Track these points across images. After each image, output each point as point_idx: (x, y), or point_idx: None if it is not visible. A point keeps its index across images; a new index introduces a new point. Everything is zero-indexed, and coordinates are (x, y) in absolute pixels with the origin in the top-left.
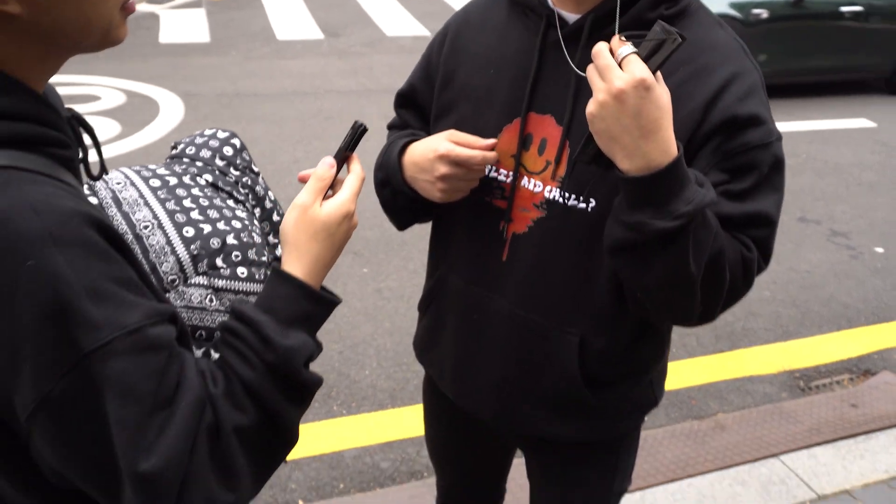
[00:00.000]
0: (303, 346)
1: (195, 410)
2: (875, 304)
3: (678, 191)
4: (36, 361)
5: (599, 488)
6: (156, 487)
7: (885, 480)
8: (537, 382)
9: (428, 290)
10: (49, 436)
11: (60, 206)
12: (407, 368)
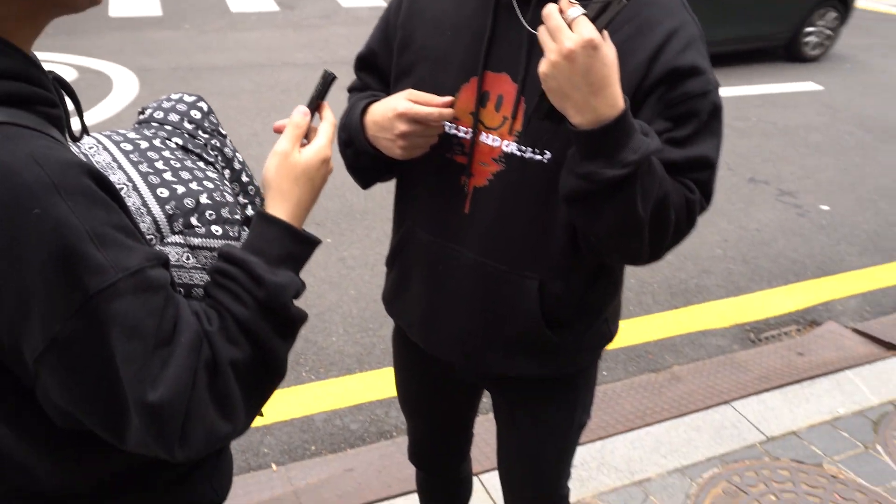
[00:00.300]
0: (290, 283)
1: (194, 346)
2: (820, 258)
3: (626, 141)
4: (45, 304)
5: (562, 421)
6: (163, 417)
7: (829, 421)
8: (502, 325)
9: (395, 245)
10: (58, 376)
11: (60, 157)
12: (373, 333)
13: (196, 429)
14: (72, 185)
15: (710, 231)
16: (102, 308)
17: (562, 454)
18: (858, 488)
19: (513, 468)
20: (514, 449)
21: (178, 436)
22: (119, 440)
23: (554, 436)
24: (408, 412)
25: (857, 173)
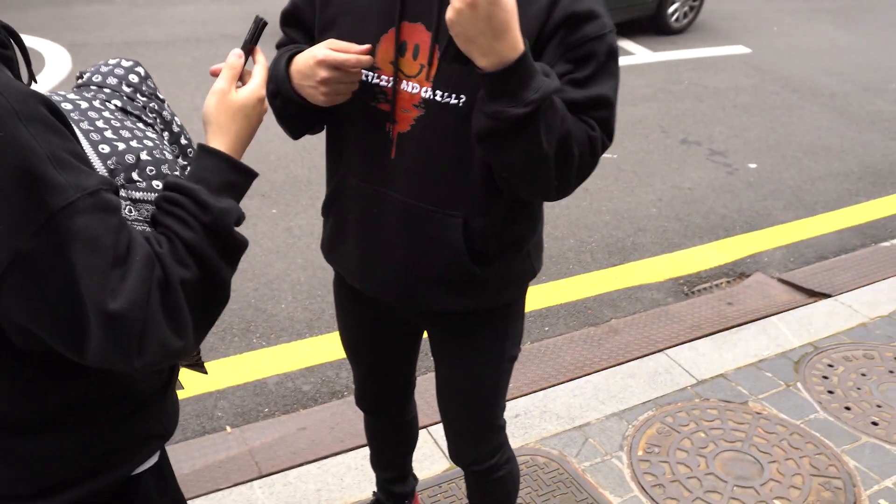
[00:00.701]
0: (233, 209)
1: (147, 264)
2: (749, 213)
3: (527, 81)
4: (9, 222)
5: (494, 352)
6: (122, 326)
7: (754, 363)
8: (431, 262)
9: (329, 193)
10: (21, 292)
11: (18, 87)
12: (321, 300)
13: (151, 341)
14: (31, 112)
15: (646, 191)
16: (64, 224)
17: (495, 386)
18: (780, 422)
19: (449, 401)
20: (450, 382)
21: (135, 346)
22: (79, 353)
23: (486, 367)
24: (352, 356)
25: (783, 132)
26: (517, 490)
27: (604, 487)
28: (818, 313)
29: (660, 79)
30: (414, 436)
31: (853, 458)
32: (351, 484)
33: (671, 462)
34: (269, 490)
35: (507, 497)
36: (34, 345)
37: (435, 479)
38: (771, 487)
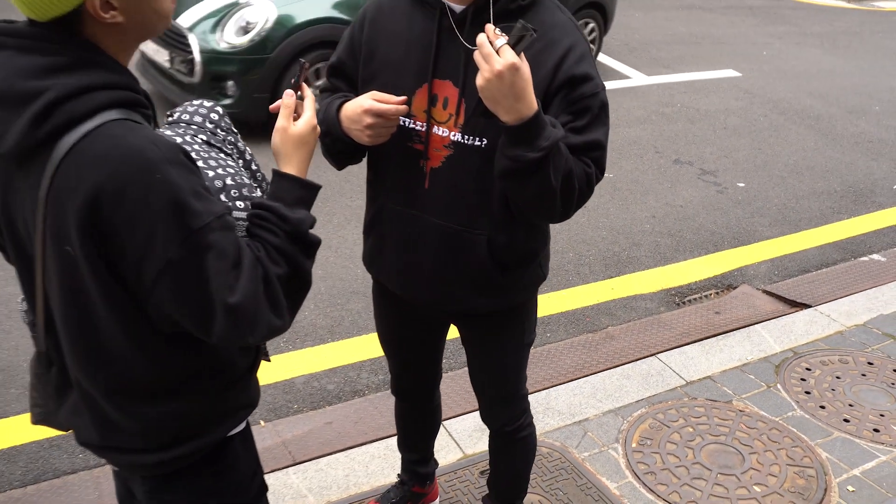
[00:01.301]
0: (306, 217)
1: (253, 265)
2: (737, 229)
3: (540, 132)
4: (163, 238)
5: (514, 341)
6: (240, 314)
7: (738, 367)
8: (461, 271)
9: (371, 218)
10: (169, 289)
11: (166, 140)
12: (341, 308)
13: (260, 323)
14: (176, 159)
15: (640, 208)
16: (201, 240)
17: (517, 365)
18: (760, 419)
19: (481, 380)
20: (480, 366)
21: (249, 327)
22: (207, 334)
23: (509, 353)
24: (389, 352)
25: (770, 152)
26: (535, 451)
27: (601, 474)
28: (798, 322)
29: (654, 101)
30: (438, 421)
31: (826, 450)
32: (376, 470)
33: (662, 453)
34: (303, 475)
35: (527, 455)
36: (172, 328)
37: (450, 467)
38: (751, 475)
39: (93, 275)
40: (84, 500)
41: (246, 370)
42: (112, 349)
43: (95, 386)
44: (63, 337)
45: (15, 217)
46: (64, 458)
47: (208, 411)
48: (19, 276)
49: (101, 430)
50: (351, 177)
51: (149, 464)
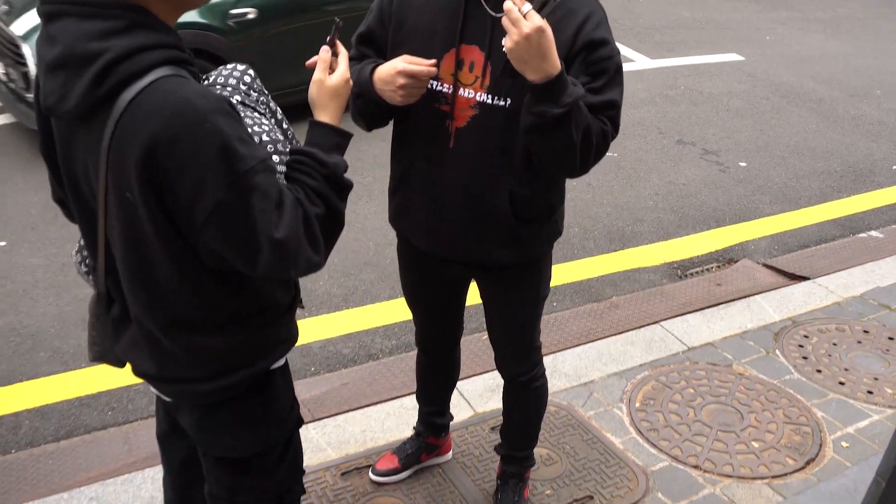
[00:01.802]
0: (341, 162)
1: (294, 206)
2: (738, 207)
3: (563, 89)
4: (212, 181)
5: (531, 294)
6: (283, 248)
7: (738, 334)
8: (484, 226)
9: (398, 177)
10: (219, 227)
11: (212, 93)
12: (354, 278)
13: (301, 258)
14: (223, 109)
15: (644, 186)
16: (247, 181)
17: (532, 317)
18: (759, 381)
19: (499, 332)
20: (498, 318)
21: (292, 261)
22: (253, 268)
23: (525, 304)
24: (413, 306)
25: (772, 133)
26: (546, 403)
27: (606, 430)
28: (797, 293)
29: (658, 84)
30: (456, 375)
31: (821, 409)
32: (391, 427)
33: (664, 412)
34: (322, 430)
35: (540, 404)
36: (220, 264)
37: (462, 423)
38: (749, 432)
39: (150, 218)
40: (115, 453)
41: (286, 308)
42: (167, 287)
43: (153, 320)
44: (123, 277)
45: (77, 173)
46: (94, 414)
47: (253, 345)
48: (81, 227)
49: (157, 362)
50: (362, 154)
51: (200, 392)
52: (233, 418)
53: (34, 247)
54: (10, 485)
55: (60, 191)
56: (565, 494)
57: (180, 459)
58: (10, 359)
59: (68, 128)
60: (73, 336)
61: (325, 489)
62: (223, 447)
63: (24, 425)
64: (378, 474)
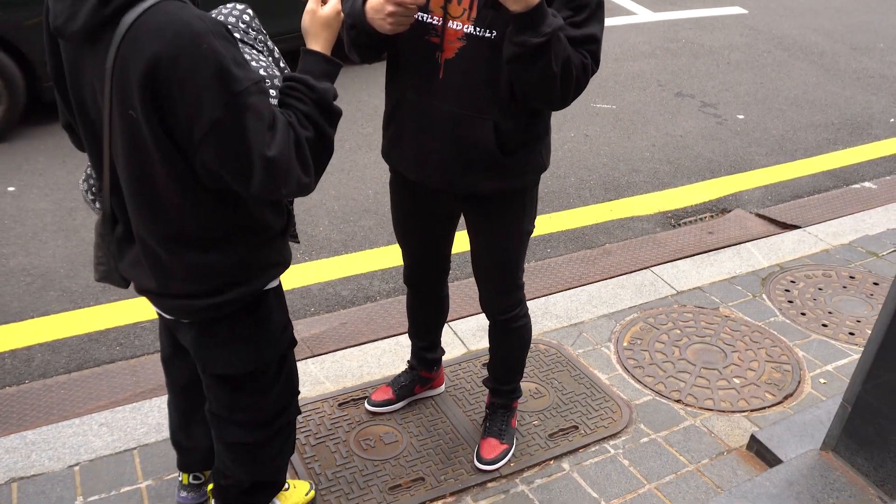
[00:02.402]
0: (330, 89)
1: (286, 127)
2: (734, 158)
3: (542, 19)
4: (210, 101)
5: (515, 226)
6: (275, 167)
7: (727, 279)
8: (470, 155)
9: (390, 110)
10: (215, 146)
11: (210, 16)
12: (353, 224)
13: (291, 177)
14: (219, 31)
15: (640, 137)
16: (241, 101)
17: (515, 252)
18: (745, 323)
19: (482, 266)
20: (482, 250)
21: (283, 180)
22: (246, 186)
23: (510, 238)
24: (403, 240)
25: (772, 86)
26: (530, 341)
27: (594, 367)
28: (787, 241)
29: (659, 37)
30: (445, 310)
31: (803, 350)
32: (387, 363)
33: (650, 351)
34: (321, 366)
35: (522, 343)
36: (216, 183)
37: (455, 360)
38: (732, 370)
39: (152, 135)
40: (123, 384)
41: (279, 232)
42: (167, 202)
43: (154, 236)
44: (127, 194)
45: (84, 94)
46: (103, 349)
47: (247, 264)
48: (88, 149)
49: (158, 278)
50: (362, 105)
51: (197, 308)
52: (228, 336)
53: (42, 192)
54: (25, 412)
55: (69, 115)
56: (551, 425)
57: (183, 383)
58: (22, 297)
59: (76, 50)
60: (82, 276)
61: (322, 418)
62: (220, 364)
63: (37, 358)
64: (373, 405)
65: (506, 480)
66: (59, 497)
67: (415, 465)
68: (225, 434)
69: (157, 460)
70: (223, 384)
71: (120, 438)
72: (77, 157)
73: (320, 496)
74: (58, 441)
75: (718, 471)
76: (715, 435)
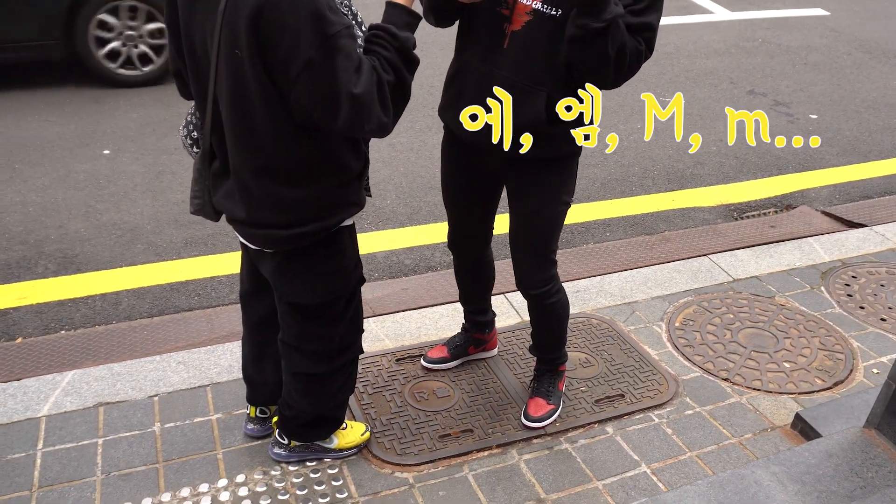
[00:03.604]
0: (410, 38)
1: (370, 70)
2: (804, 156)
3: (605, 6)
4: (305, 41)
5: (553, 194)
6: (360, 103)
7: (786, 271)
8: (521, 121)
9: (454, 71)
10: (307, 83)
11: None
12: (419, 199)
13: (373, 115)
14: None
15: (708, 132)
16: (333, 43)
17: (552, 220)
18: (799, 312)
19: (518, 234)
20: (520, 217)
21: (366, 117)
22: (334, 122)
23: (546, 204)
24: (449, 203)
25: (849, 88)
26: (567, 315)
27: (644, 343)
28: (852, 238)
29: (734, 35)
30: (491, 276)
31: (858, 341)
32: (443, 326)
33: (702, 332)
34: (381, 325)
35: (558, 317)
36: (307, 120)
37: (509, 328)
38: (783, 354)
39: (253, 73)
40: (199, 330)
41: (356, 175)
42: (263, 137)
43: (248, 168)
44: (227, 127)
45: (195, 39)
46: (182, 298)
47: (327, 200)
48: (194, 90)
49: (247, 208)
50: (433, 90)
51: (280, 238)
52: (305, 266)
53: (133, 156)
54: (112, 348)
55: (179, 61)
56: (598, 392)
57: (257, 318)
58: (112, 248)
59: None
60: (166, 233)
61: (380, 370)
62: (294, 293)
63: (124, 302)
64: (429, 361)
65: (550, 438)
66: (139, 422)
67: (465, 418)
68: (293, 364)
69: (227, 397)
70: (296, 313)
71: (195, 376)
72: (165, 124)
73: (374, 438)
74: (140, 374)
75: (761, 445)
76: (760, 412)
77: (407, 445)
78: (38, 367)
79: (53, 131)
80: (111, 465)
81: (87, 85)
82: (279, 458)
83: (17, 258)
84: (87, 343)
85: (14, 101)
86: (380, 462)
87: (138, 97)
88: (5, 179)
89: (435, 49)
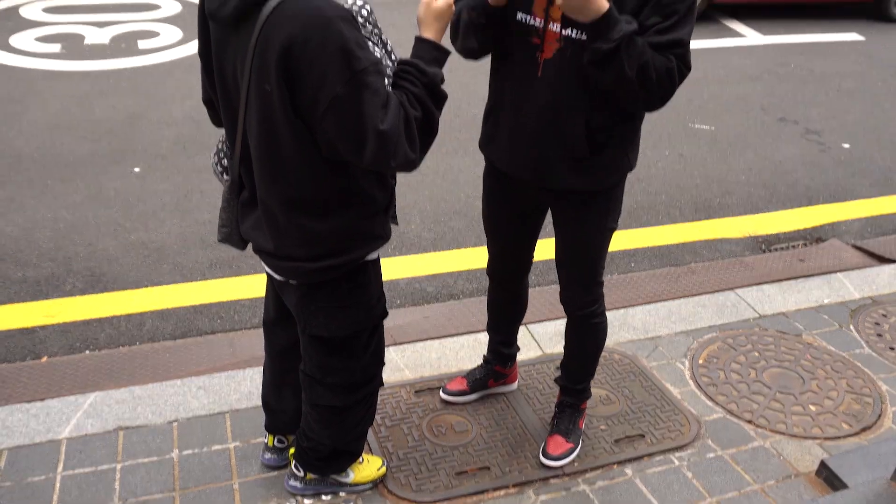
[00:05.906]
0: (438, 73)
1: (397, 106)
2: (834, 188)
3: (612, 27)
4: (331, 79)
5: (598, 223)
6: (387, 139)
7: (814, 307)
8: (560, 150)
9: (491, 104)
10: (334, 119)
11: (338, 3)
12: (444, 224)
13: (400, 151)
14: (346, 16)
15: (737, 160)
16: (360, 79)
17: (598, 248)
18: (827, 352)
19: (565, 260)
20: (567, 244)
21: (392, 153)
22: (360, 157)
23: (592, 234)
24: (491, 234)
25: (883, 117)
26: (604, 341)
27: (666, 381)
28: (883, 274)
29: (767, 61)
30: (523, 306)
31: (887, 384)
32: (464, 357)
33: (726, 370)
34: (401, 354)
35: (597, 342)
36: (334, 154)
37: (530, 361)
38: (808, 396)
39: (282, 107)
40: (221, 354)
41: (382, 208)
42: (290, 169)
43: (275, 200)
44: (255, 161)
45: (226, 71)
46: (205, 321)
47: (353, 233)
48: (224, 121)
49: (275, 239)
50: (461, 112)
51: (306, 270)
52: (329, 299)
53: (163, 174)
54: (135, 370)
55: (211, 90)
56: (618, 431)
57: (280, 347)
58: (139, 268)
59: (223, 32)
60: (193, 253)
61: (399, 402)
62: (318, 325)
63: (147, 324)
64: (448, 393)
65: (568, 478)
66: (157, 447)
67: (482, 455)
68: (315, 396)
69: (246, 424)
70: (319, 346)
71: (215, 401)
72: (196, 144)
73: (390, 473)
74: (161, 398)
75: (784, 493)
76: (784, 458)
77: (423, 482)
78: (62, 387)
79: (87, 148)
80: (129, 491)
81: (122, 103)
82: (294, 491)
83: (45, 275)
84: (110, 364)
85: (51, 118)
86: (395, 498)
87: (170, 115)
88: (37, 195)
89: (461, 70)
